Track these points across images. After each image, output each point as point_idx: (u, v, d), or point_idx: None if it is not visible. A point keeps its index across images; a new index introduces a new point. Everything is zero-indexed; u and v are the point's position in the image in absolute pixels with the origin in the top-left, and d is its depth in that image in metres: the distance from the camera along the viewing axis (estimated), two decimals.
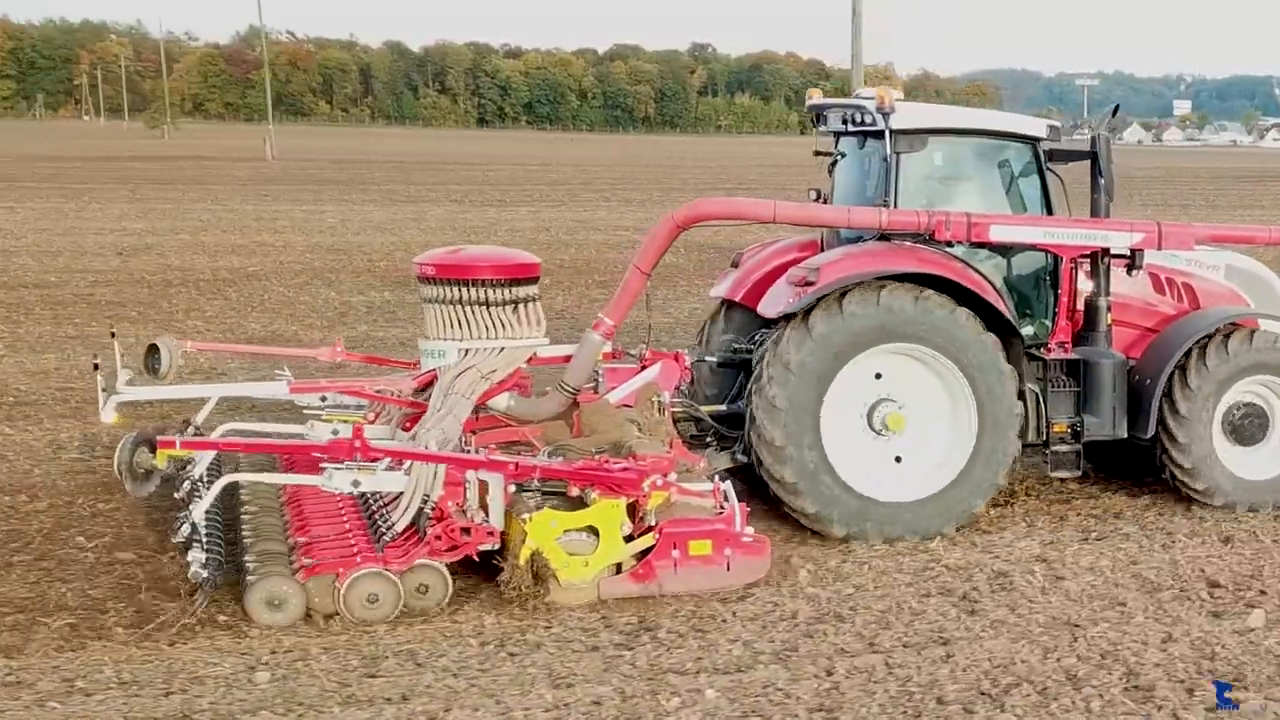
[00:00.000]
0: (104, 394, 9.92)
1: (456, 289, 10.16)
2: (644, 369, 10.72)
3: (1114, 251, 10.99)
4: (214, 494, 8.91)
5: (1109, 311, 11.07)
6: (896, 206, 10.68)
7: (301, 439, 10.21)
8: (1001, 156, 11.35)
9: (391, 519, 8.75)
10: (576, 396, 10.45)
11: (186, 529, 8.66)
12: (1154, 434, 10.90)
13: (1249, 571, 9.56)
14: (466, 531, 8.63)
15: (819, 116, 11.77)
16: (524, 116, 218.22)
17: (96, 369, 10.03)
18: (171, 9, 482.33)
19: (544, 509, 8.63)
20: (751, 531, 9.14)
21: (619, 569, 8.80)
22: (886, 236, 10.64)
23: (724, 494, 9.27)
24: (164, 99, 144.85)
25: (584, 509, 8.74)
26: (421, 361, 10.63)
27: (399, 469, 8.84)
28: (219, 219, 37.59)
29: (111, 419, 10.03)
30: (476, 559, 8.75)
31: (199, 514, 8.71)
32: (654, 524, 8.83)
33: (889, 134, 10.71)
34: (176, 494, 9.70)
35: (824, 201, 11.66)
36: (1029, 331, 10.99)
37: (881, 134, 10.79)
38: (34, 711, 6.94)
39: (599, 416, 10.25)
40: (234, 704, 7.07)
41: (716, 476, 9.61)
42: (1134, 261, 11.02)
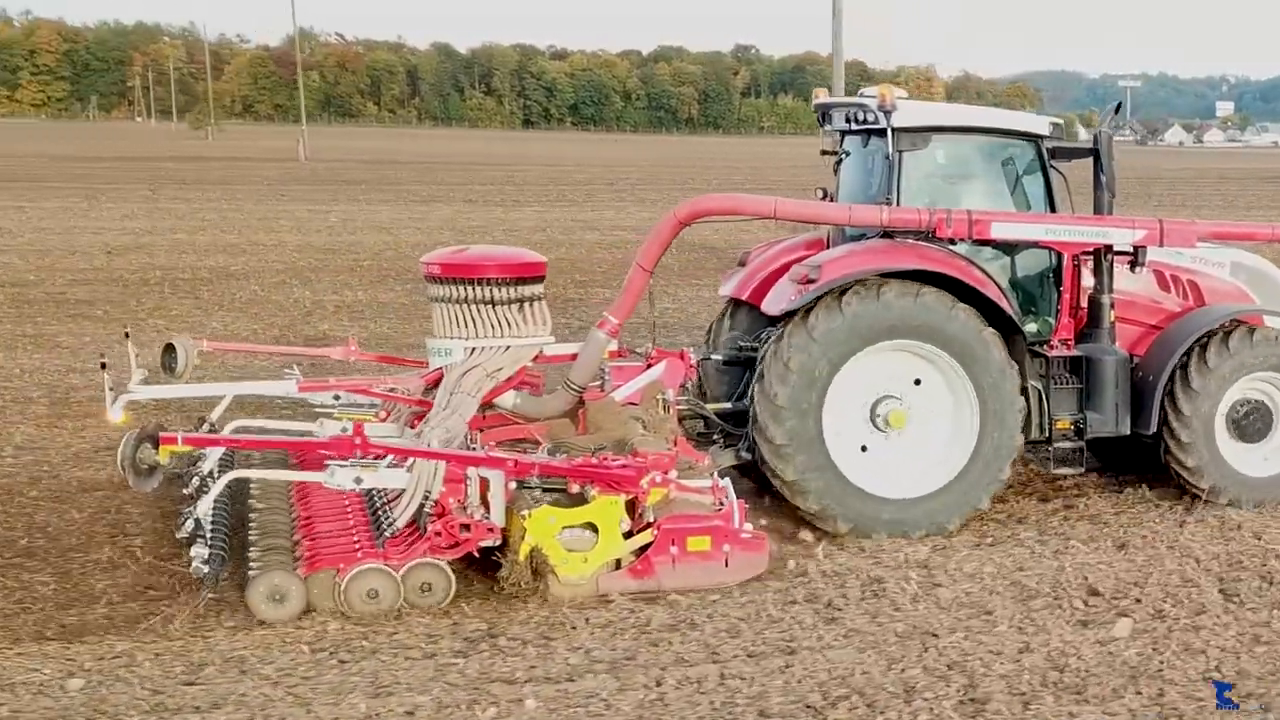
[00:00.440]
0: (112, 393, 10.06)
1: (462, 288, 10.30)
2: (650, 367, 10.81)
3: (1116, 249, 10.99)
4: (218, 489, 9.04)
5: (1112, 308, 11.04)
6: (899, 204, 10.71)
7: (311, 436, 10.35)
8: (1004, 154, 11.37)
9: (393, 515, 8.86)
10: (582, 395, 10.57)
11: (190, 524, 8.83)
12: (1157, 431, 10.89)
13: (1134, 579, 9.14)
14: (467, 528, 8.72)
15: (824, 116, 11.84)
16: (569, 118, 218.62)
17: (104, 368, 10.18)
18: (224, 11, 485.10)
19: (543, 505, 8.73)
20: (750, 528, 9.22)
21: (618, 565, 8.89)
22: (890, 234, 10.70)
23: (723, 491, 9.33)
24: (208, 100, 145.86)
25: (583, 506, 8.83)
26: (429, 360, 10.78)
27: (402, 466, 8.95)
28: (224, 218, 37.62)
29: (119, 418, 10.14)
30: (478, 555, 8.84)
31: (203, 509, 8.83)
32: (653, 520, 8.91)
33: (891, 132, 10.75)
34: (185, 490, 9.87)
35: (830, 200, 11.71)
36: (1032, 328, 10.99)
37: (884, 132, 10.83)
38: None
39: (604, 414, 10.35)
40: (37, 712, 6.87)
41: (716, 473, 9.66)
42: (1136, 258, 11.03)
